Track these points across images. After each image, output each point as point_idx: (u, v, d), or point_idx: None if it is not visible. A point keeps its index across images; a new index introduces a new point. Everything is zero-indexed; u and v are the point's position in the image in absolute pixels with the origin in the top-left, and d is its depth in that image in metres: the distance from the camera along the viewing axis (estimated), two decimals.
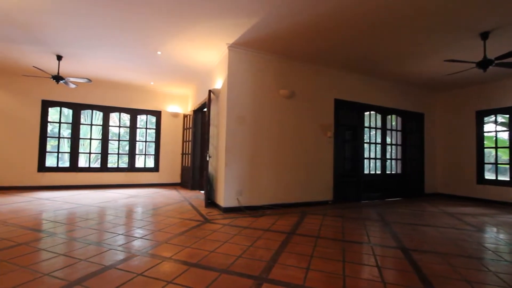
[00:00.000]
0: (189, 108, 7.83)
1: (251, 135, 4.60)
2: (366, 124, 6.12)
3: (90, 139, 7.28)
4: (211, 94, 5.10)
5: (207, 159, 4.81)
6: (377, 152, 6.28)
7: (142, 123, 8.00)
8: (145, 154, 7.98)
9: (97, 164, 7.41)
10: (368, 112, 6.16)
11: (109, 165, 7.35)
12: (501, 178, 6.01)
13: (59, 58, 5.13)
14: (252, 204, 4.54)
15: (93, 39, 4.37)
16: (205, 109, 6.12)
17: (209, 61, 5.25)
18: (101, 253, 2.46)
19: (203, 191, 6.34)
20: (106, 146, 7.31)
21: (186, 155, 7.42)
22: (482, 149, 6.27)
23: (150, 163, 7.85)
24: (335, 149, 5.47)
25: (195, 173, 6.91)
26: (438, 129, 7.15)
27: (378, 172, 6.29)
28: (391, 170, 6.49)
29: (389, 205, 5.48)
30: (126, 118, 7.80)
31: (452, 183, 6.76)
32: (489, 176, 6.30)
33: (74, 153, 6.96)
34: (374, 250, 2.76)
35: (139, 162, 7.97)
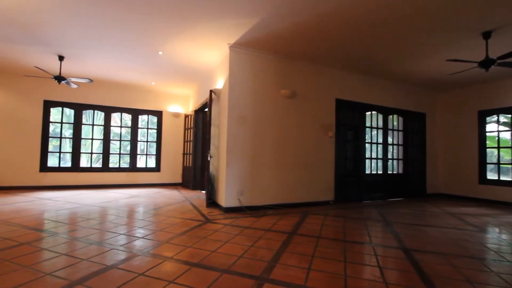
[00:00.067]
0: (190, 108, 7.84)
1: (252, 135, 4.60)
2: (368, 124, 6.10)
3: (92, 139, 7.30)
4: (212, 94, 5.11)
5: (208, 159, 4.82)
6: (379, 152, 6.26)
7: (144, 123, 8.02)
8: (146, 154, 8.00)
9: (99, 164, 7.44)
10: (369, 112, 6.14)
11: (110, 165, 7.37)
12: (503, 178, 5.98)
13: (60, 58, 5.15)
14: (253, 204, 4.54)
15: (95, 39, 4.39)
16: (206, 109, 6.11)
17: (210, 61, 5.26)
18: (103, 253, 2.47)
19: (204, 191, 6.34)
20: (107, 146, 7.33)
21: (187, 155, 7.42)
22: (484, 149, 6.24)
23: (152, 163, 7.87)
24: (337, 149, 5.46)
25: (196, 173, 6.91)
26: (440, 129, 7.12)
27: (380, 172, 6.27)
28: (392, 170, 6.48)
29: (390, 205, 5.46)
30: (127, 118, 7.82)
31: (454, 183, 6.73)
32: (491, 176, 6.27)
33: (76, 153, 6.98)
34: (376, 250, 2.75)
35: (140, 162, 8.00)
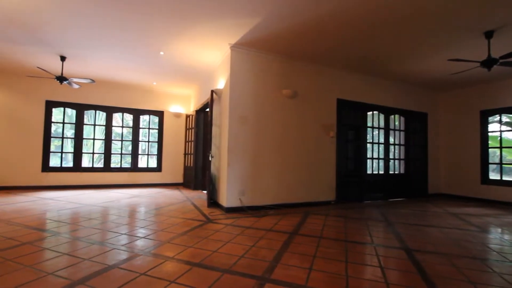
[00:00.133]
0: (191, 108, 7.85)
1: (254, 135, 4.60)
2: (369, 124, 6.09)
3: (94, 139, 7.32)
4: (214, 94, 5.11)
5: (210, 159, 4.82)
6: (380, 152, 6.25)
7: (145, 123, 8.04)
8: (147, 154, 8.01)
9: (100, 164, 7.46)
10: (371, 112, 6.13)
11: (112, 165, 7.39)
12: (506, 178, 5.96)
13: (62, 59, 5.17)
14: (255, 204, 4.54)
15: (96, 40, 4.40)
16: (208, 109, 6.12)
17: (212, 61, 5.26)
18: (104, 252, 2.48)
19: (205, 191, 6.35)
20: (109, 146, 7.36)
21: (189, 155, 7.43)
22: (486, 149, 6.22)
23: (153, 163, 7.88)
24: (338, 149, 5.45)
25: (197, 173, 6.92)
26: (441, 129, 7.10)
27: (381, 172, 6.26)
28: (394, 170, 6.46)
29: (392, 205, 5.45)
30: (129, 118, 7.84)
31: (456, 183, 6.70)
32: (494, 176, 6.25)
33: (77, 153, 7.00)
34: (377, 250, 2.74)
35: (141, 162, 8.01)
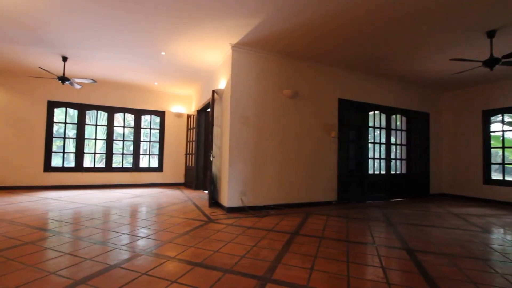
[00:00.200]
0: (192, 108, 7.86)
1: (255, 135, 4.60)
2: (371, 124, 6.08)
3: (95, 139, 7.35)
4: (215, 94, 5.12)
5: (211, 159, 4.83)
6: (382, 152, 6.23)
7: (146, 123, 8.05)
8: (149, 154, 8.03)
9: (102, 164, 7.48)
10: (372, 112, 6.12)
11: (113, 165, 7.41)
12: (508, 178, 5.92)
13: (64, 59, 5.19)
14: (256, 204, 4.54)
15: (98, 40, 4.41)
16: (209, 109, 6.13)
17: (213, 61, 5.27)
18: (106, 252, 2.48)
19: (206, 191, 6.36)
20: (111, 146, 7.38)
21: (190, 155, 7.44)
22: (488, 149, 6.19)
23: (154, 163, 7.90)
24: (339, 149, 5.44)
25: (199, 173, 6.93)
26: (443, 129, 7.07)
27: (383, 172, 6.24)
28: (395, 170, 6.44)
29: (393, 205, 5.43)
30: (130, 118, 7.86)
31: (458, 184, 6.68)
32: (496, 176, 6.22)
33: (79, 153, 7.03)
34: (379, 251, 2.74)
35: (143, 162, 8.02)
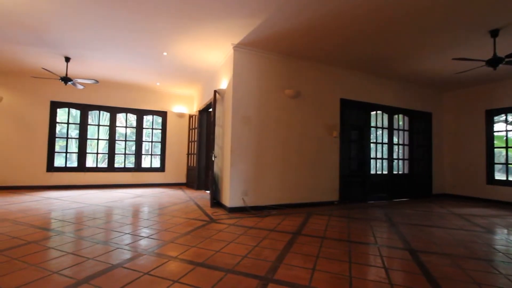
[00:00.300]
0: (194, 108, 7.88)
1: (256, 135, 4.60)
2: (373, 123, 6.06)
3: (98, 139, 7.38)
4: (217, 95, 5.12)
5: (213, 159, 4.83)
6: (384, 152, 6.21)
7: (148, 123, 8.07)
8: (151, 154, 8.05)
9: (104, 164, 7.51)
10: (374, 112, 6.10)
11: (116, 165, 7.44)
12: None
13: (67, 59, 5.22)
14: (258, 204, 4.54)
15: (100, 41, 4.43)
16: (211, 110, 6.13)
17: (215, 62, 5.27)
18: (108, 252, 2.49)
19: (208, 191, 6.36)
20: (113, 146, 7.40)
21: (192, 155, 7.45)
22: (492, 149, 6.15)
23: (156, 163, 7.92)
24: (341, 149, 5.43)
25: (200, 173, 6.94)
26: (446, 129, 7.03)
27: (385, 172, 6.22)
28: (398, 170, 6.42)
29: (396, 205, 5.41)
30: (132, 118, 7.88)
31: (461, 184, 6.64)
32: (500, 176, 6.17)
33: (82, 153, 7.06)
34: (381, 251, 2.73)
35: (145, 162, 8.04)
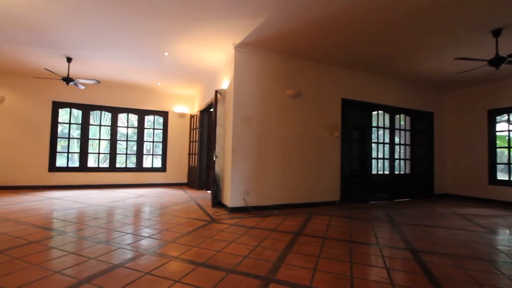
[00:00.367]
0: (195, 108, 7.88)
1: (258, 135, 4.60)
2: (374, 123, 6.04)
3: (99, 139, 7.40)
4: (218, 95, 5.12)
5: (214, 159, 4.83)
6: (385, 152, 6.19)
7: (150, 123, 8.09)
8: (152, 154, 8.06)
9: (106, 164, 7.53)
10: (376, 112, 6.08)
11: (117, 165, 7.46)
12: None
13: (69, 60, 5.23)
14: (259, 204, 4.54)
15: (102, 41, 4.44)
16: (212, 110, 6.14)
17: (216, 62, 5.27)
18: (110, 251, 2.50)
19: (209, 191, 6.37)
20: (114, 146, 7.42)
21: (193, 155, 7.46)
22: (494, 149, 6.13)
23: (158, 163, 7.93)
24: (343, 149, 5.42)
25: (201, 173, 6.94)
26: (448, 129, 7.01)
27: (387, 172, 6.20)
28: (399, 170, 6.40)
29: (397, 205, 5.40)
30: (134, 118, 7.90)
31: (463, 184, 6.61)
32: (502, 176, 6.14)
33: (83, 153, 7.08)
34: (383, 251, 2.72)
35: (146, 162, 8.06)
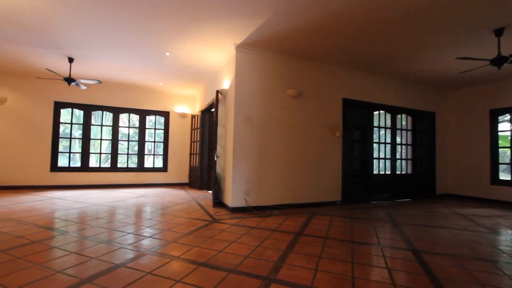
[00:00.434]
0: (197, 108, 7.89)
1: (259, 135, 4.60)
2: (376, 123, 6.03)
3: (101, 139, 7.42)
4: (219, 95, 5.12)
5: (215, 159, 4.84)
6: (387, 152, 6.18)
7: (151, 123, 8.10)
8: (153, 154, 8.07)
9: (107, 164, 7.55)
10: (377, 112, 6.07)
11: (119, 165, 7.48)
12: None
13: (70, 60, 5.25)
14: (260, 204, 4.54)
15: (101, 41, 4.45)
16: (213, 110, 6.14)
17: (217, 62, 5.28)
18: (111, 251, 2.50)
19: (211, 191, 6.37)
20: (116, 146, 7.44)
21: (194, 155, 7.47)
22: (496, 149, 6.10)
23: (159, 163, 7.94)
24: (344, 149, 5.41)
25: (203, 173, 6.95)
26: (450, 128, 6.98)
27: (388, 172, 6.19)
28: (401, 170, 6.38)
29: (399, 206, 5.38)
30: (135, 118, 7.92)
31: (465, 184, 6.59)
32: (504, 176, 6.12)
33: (85, 153, 7.10)
34: (384, 251, 2.71)
35: (148, 162, 8.08)
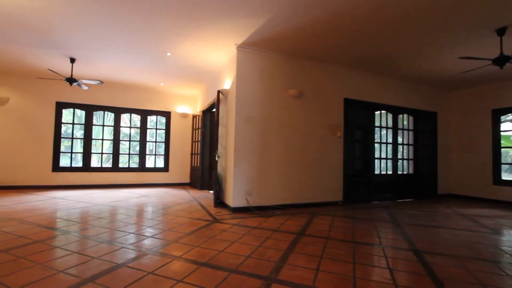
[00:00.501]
0: (198, 108, 7.90)
1: (260, 135, 4.60)
2: (377, 123, 6.02)
3: (102, 139, 7.44)
4: (220, 95, 5.13)
5: (216, 159, 4.84)
6: (388, 152, 6.17)
7: (152, 123, 8.12)
8: (155, 154, 8.09)
9: (109, 164, 7.57)
10: (378, 112, 6.06)
11: (120, 165, 7.50)
12: None
13: (72, 60, 5.27)
14: (261, 204, 4.54)
15: (101, 41, 4.46)
16: (214, 110, 6.14)
17: (218, 62, 5.28)
18: (113, 251, 2.51)
19: (212, 191, 6.38)
20: (117, 146, 7.46)
21: (195, 155, 7.48)
22: (498, 149, 6.07)
23: (160, 163, 7.96)
24: (345, 149, 5.40)
25: (204, 173, 6.95)
26: (452, 128, 6.96)
27: (390, 172, 6.17)
28: (402, 171, 6.36)
29: (400, 206, 5.37)
30: (136, 119, 7.94)
31: (467, 184, 6.56)
32: (506, 177, 6.09)
33: (87, 154, 7.12)
34: (386, 252, 2.71)
35: (149, 162, 8.09)
